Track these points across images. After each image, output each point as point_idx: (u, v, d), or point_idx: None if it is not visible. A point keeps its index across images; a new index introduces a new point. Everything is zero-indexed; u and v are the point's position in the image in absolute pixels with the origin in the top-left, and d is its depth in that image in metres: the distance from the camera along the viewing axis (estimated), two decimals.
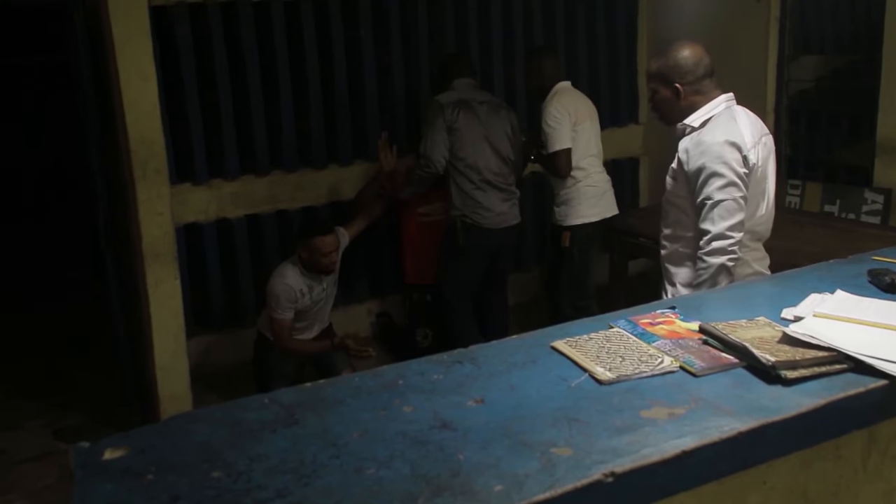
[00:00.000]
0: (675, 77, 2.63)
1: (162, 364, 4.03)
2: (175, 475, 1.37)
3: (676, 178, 2.69)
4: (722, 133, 2.56)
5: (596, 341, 1.85)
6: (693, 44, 2.69)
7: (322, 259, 3.89)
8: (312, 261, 3.91)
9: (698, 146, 2.58)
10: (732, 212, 2.53)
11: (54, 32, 5.62)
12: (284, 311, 3.87)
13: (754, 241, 2.70)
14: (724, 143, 2.54)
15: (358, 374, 1.74)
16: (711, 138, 2.56)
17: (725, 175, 2.52)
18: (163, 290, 3.97)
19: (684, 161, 2.63)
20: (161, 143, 3.89)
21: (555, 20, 5.40)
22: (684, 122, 2.67)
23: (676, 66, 2.64)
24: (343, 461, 1.39)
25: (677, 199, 2.71)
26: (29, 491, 3.64)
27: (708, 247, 2.56)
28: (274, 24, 4.57)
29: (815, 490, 1.67)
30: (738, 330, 1.82)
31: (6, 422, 4.29)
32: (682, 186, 2.67)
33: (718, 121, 2.61)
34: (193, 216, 4.53)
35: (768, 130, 2.74)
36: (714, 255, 2.55)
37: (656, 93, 2.71)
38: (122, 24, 3.71)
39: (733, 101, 2.68)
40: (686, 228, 2.69)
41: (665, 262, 2.81)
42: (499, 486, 1.30)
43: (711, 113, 2.63)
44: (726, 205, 2.53)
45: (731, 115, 2.62)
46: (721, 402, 1.56)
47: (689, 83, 2.63)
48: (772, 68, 4.95)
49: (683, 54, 2.64)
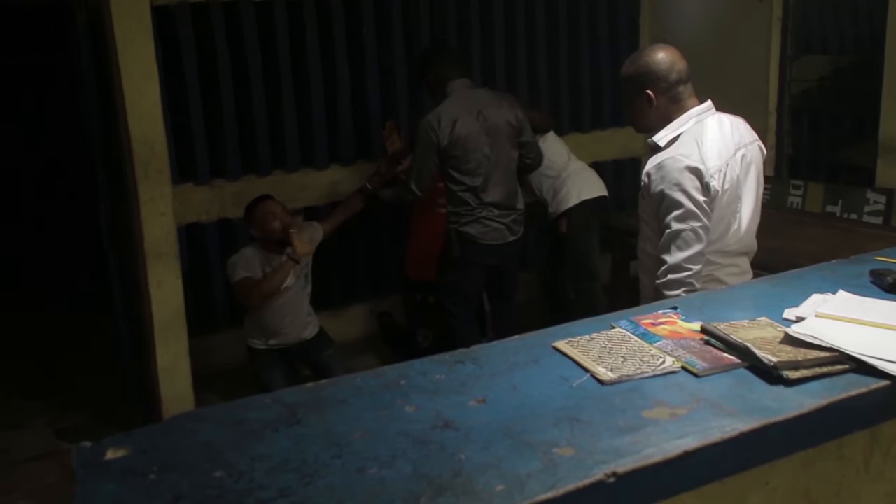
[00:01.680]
0: (647, 83, 2.50)
1: (164, 364, 4.03)
2: (177, 475, 1.38)
3: (643, 196, 2.58)
4: (683, 157, 2.40)
5: (598, 341, 1.85)
6: (666, 47, 2.53)
7: (272, 223, 3.90)
8: (265, 232, 3.92)
9: (659, 170, 2.45)
10: (690, 242, 2.41)
11: (55, 32, 5.63)
12: (241, 273, 3.89)
13: (728, 257, 2.57)
14: (684, 169, 2.39)
15: (360, 374, 1.74)
16: (672, 163, 2.41)
17: (684, 204, 2.40)
18: (165, 289, 3.98)
19: (647, 184, 2.51)
20: (163, 143, 3.90)
21: (557, 21, 5.40)
22: (652, 139, 2.54)
23: (648, 71, 2.50)
24: (345, 461, 1.40)
25: (644, 215, 2.62)
26: (31, 490, 3.65)
27: (664, 278, 2.45)
28: (276, 23, 4.58)
29: (817, 490, 1.67)
30: (740, 330, 1.82)
31: (8, 421, 4.30)
32: (647, 206, 2.56)
33: (683, 141, 2.45)
34: (195, 216, 4.53)
35: (755, 136, 2.62)
36: (669, 287, 2.44)
37: (629, 99, 2.58)
38: (125, 24, 3.71)
39: (708, 112, 2.53)
40: (653, 247, 2.58)
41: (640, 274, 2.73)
42: (500, 485, 1.30)
43: (679, 130, 2.49)
44: (684, 235, 2.41)
45: (699, 133, 2.45)
46: (723, 403, 1.56)
47: (661, 90, 2.49)
48: (774, 68, 4.95)
49: (655, 58, 2.49)
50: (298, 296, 4.10)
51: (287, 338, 4.09)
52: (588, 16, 5.51)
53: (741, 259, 2.62)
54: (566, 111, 5.52)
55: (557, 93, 5.44)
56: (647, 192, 2.52)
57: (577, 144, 5.19)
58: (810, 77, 5.04)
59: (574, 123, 5.57)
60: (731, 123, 2.56)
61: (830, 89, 5.08)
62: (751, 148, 2.57)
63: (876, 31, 4.49)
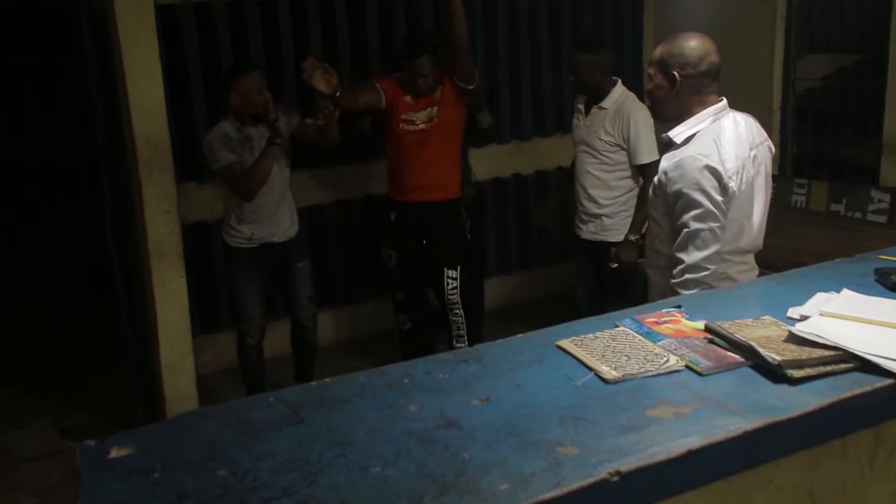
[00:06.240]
0: (675, 65, 2.48)
1: (168, 363, 4.04)
2: (181, 473, 1.38)
3: (657, 193, 2.58)
4: (702, 157, 2.40)
5: (601, 340, 1.84)
6: (705, 38, 2.51)
7: (255, 98, 3.69)
8: (246, 104, 3.71)
9: (677, 168, 2.45)
10: (708, 242, 2.43)
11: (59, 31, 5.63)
12: (225, 155, 3.70)
13: (738, 254, 2.58)
14: (703, 168, 2.39)
15: (363, 373, 1.75)
16: (692, 162, 2.41)
17: (703, 204, 2.41)
18: (169, 288, 3.98)
19: (664, 182, 2.51)
20: (167, 142, 3.90)
21: (561, 19, 5.39)
22: (668, 135, 2.54)
23: (680, 54, 2.48)
24: (349, 460, 1.40)
25: (656, 213, 2.61)
26: (35, 489, 3.65)
27: (681, 277, 2.47)
28: (280, 23, 4.58)
29: (821, 489, 1.66)
30: (744, 329, 1.82)
31: (13, 420, 4.31)
32: (661, 203, 2.56)
33: (701, 140, 2.45)
34: (199, 215, 4.54)
35: (765, 136, 2.62)
36: (685, 286, 2.45)
37: (653, 79, 2.56)
38: (129, 24, 3.72)
39: (724, 112, 2.52)
40: (662, 244, 2.59)
41: (648, 269, 2.74)
42: (504, 484, 1.30)
43: (697, 128, 2.48)
44: (703, 235, 2.43)
45: (717, 132, 2.46)
46: (727, 401, 1.56)
47: (688, 76, 2.46)
48: (778, 67, 4.94)
49: (690, 44, 2.47)
50: (281, 175, 3.89)
51: (269, 227, 3.88)
52: (591, 15, 5.51)
53: (750, 256, 2.65)
54: (570, 110, 5.50)
55: (561, 92, 5.44)
56: (663, 190, 2.52)
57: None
58: (814, 76, 5.04)
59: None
60: (746, 123, 2.56)
61: (835, 88, 5.07)
62: (762, 148, 2.58)
63: (880, 30, 4.48)
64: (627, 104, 3.79)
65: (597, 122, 3.83)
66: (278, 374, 4.28)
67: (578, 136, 3.95)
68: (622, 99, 3.81)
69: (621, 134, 3.76)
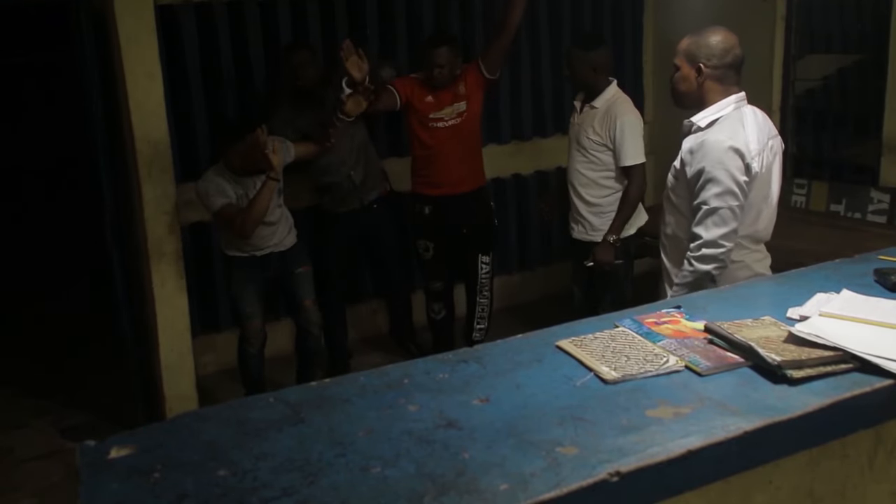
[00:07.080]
0: (702, 56, 2.58)
1: (168, 363, 4.04)
2: (181, 474, 1.38)
3: (678, 177, 2.66)
4: (726, 137, 2.51)
5: (601, 340, 1.85)
6: (729, 32, 2.63)
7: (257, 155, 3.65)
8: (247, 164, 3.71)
9: (701, 148, 2.53)
10: (727, 220, 2.50)
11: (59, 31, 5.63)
12: (219, 201, 3.71)
13: (754, 242, 2.66)
14: (728, 148, 2.48)
15: (363, 373, 1.75)
16: (715, 141, 2.51)
17: (724, 182, 2.48)
18: (168, 289, 3.98)
19: (686, 162, 2.59)
20: (167, 143, 3.90)
21: (561, 19, 5.39)
22: (690, 120, 2.63)
23: (707, 46, 2.58)
24: (349, 460, 1.40)
25: (676, 198, 2.68)
26: (35, 489, 3.65)
27: (698, 252, 2.53)
28: (280, 23, 4.58)
29: (821, 489, 1.67)
30: (744, 329, 1.82)
31: (13, 420, 4.31)
32: (682, 186, 2.63)
33: (725, 123, 2.56)
34: (199, 215, 4.52)
35: (776, 132, 2.71)
36: (702, 261, 2.53)
37: (678, 69, 2.66)
38: (129, 24, 3.71)
39: (744, 102, 2.63)
40: (683, 230, 2.65)
41: (665, 260, 2.78)
42: (504, 485, 1.31)
43: (720, 113, 2.57)
44: (722, 213, 2.50)
45: (739, 118, 2.56)
46: (727, 402, 1.56)
47: (713, 66, 2.57)
48: (778, 67, 4.94)
49: (716, 38, 2.59)
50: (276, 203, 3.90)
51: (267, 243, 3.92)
52: (591, 15, 5.50)
53: (762, 246, 2.72)
54: (569, 110, 5.50)
55: (561, 92, 5.43)
56: (683, 172, 2.60)
57: None
58: (814, 76, 5.03)
59: None
60: (762, 115, 2.67)
61: (834, 88, 5.06)
62: (775, 141, 2.67)
63: (880, 30, 4.48)
64: (617, 105, 3.78)
65: (587, 121, 3.83)
66: (278, 375, 4.29)
67: (573, 133, 3.95)
68: (613, 100, 3.81)
69: (608, 134, 3.75)
